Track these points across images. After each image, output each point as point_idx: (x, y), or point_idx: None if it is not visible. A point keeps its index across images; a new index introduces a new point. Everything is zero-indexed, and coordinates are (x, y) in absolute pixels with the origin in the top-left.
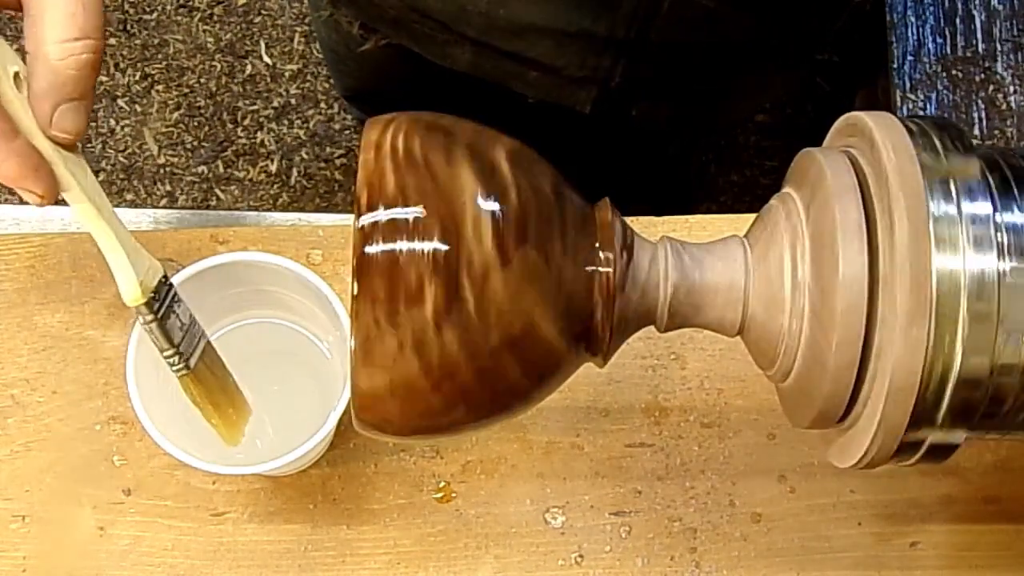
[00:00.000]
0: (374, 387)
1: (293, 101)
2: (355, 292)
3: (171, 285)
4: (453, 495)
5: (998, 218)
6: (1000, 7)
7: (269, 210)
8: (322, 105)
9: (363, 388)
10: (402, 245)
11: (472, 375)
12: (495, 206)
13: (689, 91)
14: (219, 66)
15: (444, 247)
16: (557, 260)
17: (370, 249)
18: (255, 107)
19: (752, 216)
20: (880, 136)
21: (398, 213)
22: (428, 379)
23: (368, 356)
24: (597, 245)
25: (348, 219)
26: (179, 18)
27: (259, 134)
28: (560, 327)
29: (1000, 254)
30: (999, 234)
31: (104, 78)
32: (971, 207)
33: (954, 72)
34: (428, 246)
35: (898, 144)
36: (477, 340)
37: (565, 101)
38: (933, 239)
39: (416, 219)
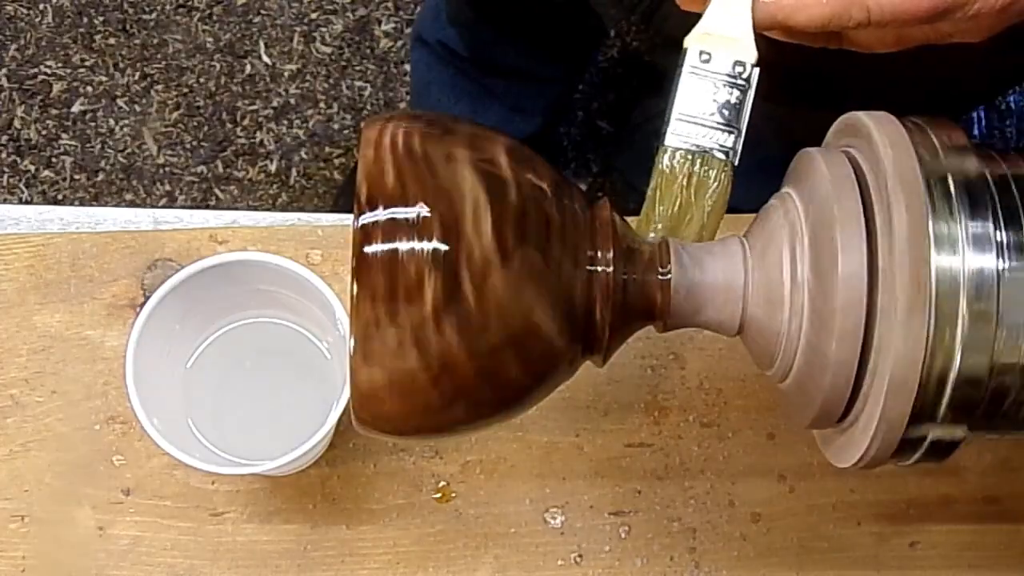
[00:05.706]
0: (373, 385)
1: (292, 101)
2: (355, 289)
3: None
4: (452, 495)
5: (997, 217)
6: None
7: (268, 210)
8: (321, 105)
9: (362, 386)
10: (402, 243)
11: (471, 373)
12: (495, 204)
13: None
14: (218, 66)
15: (444, 245)
16: (557, 259)
17: (370, 247)
18: (254, 107)
19: (752, 216)
20: (879, 135)
21: (398, 211)
22: (427, 377)
23: (368, 354)
24: (596, 244)
25: (347, 219)
26: (178, 18)
27: (258, 134)
28: (560, 326)
29: (999, 253)
30: (998, 233)
31: (103, 78)
32: (970, 206)
33: None
34: (428, 244)
35: (897, 142)
36: (477, 338)
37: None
38: (932, 237)
39: (416, 217)
